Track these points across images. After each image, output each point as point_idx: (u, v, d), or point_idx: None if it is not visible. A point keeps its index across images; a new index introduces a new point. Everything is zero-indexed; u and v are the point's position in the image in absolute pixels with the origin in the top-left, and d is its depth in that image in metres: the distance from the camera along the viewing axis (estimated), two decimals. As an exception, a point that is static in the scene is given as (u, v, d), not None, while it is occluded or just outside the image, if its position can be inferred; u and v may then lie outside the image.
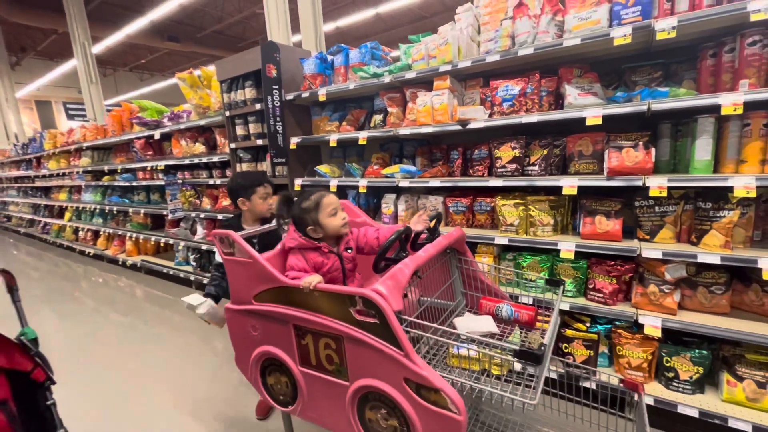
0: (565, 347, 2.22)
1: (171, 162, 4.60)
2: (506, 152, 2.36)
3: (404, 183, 2.75)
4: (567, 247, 2.13)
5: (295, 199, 1.61)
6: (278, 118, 3.28)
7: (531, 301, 2.21)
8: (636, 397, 1.48)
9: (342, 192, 3.40)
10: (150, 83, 19.30)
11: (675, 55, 2.12)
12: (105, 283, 5.28)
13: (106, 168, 5.97)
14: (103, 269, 5.96)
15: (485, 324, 1.53)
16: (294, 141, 3.31)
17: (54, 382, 1.38)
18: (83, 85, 9.45)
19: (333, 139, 3.08)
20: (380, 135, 2.83)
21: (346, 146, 3.64)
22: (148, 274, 5.44)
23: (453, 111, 2.49)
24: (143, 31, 12.11)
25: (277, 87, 3.23)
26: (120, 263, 5.92)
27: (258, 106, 3.42)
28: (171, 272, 4.89)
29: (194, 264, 4.63)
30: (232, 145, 3.77)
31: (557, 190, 2.15)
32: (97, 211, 6.62)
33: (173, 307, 4.17)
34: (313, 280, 1.33)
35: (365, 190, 3.01)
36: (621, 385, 1.52)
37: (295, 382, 1.49)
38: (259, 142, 3.52)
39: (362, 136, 2.88)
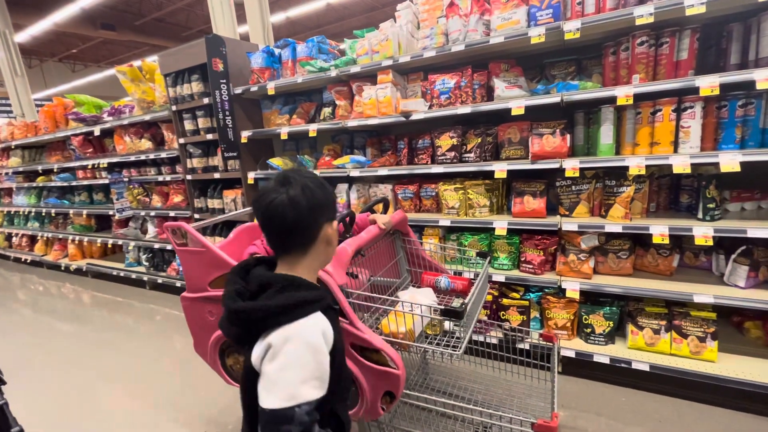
0: (503, 314, 2.48)
1: (115, 159, 4.41)
2: (445, 141, 2.57)
3: (355, 173, 2.88)
4: (500, 225, 2.38)
5: None
6: (227, 112, 3.29)
7: (472, 276, 2.46)
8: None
9: (296, 184, 3.48)
10: (84, 75, 17.84)
11: (586, 51, 2.40)
12: (46, 291, 4.99)
13: (40, 168, 5.58)
14: (44, 276, 5.61)
15: (425, 294, 1.72)
16: (245, 135, 3.33)
17: (4, 383, 1.40)
18: (6, 77, 8.62)
19: (284, 132, 3.15)
20: (330, 127, 2.94)
21: (299, 139, 3.71)
22: (95, 278, 5.20)
23: (396, 103, 2.65)
24: (73, 18, 11.18)
25: (224, 81, 3.22)
26: (63, 268, 5.59)
27: (206, 101, 3.39)
28: (122, 274, 4.72)
29: (147, 264, 4.51)
30: (181, 141, 3.71)
31: (491, 174, 2.39)
32: (33, 214, 6.17)
33: (125, 310, 4.05)
34: None
35: (318, 181, 3.12)
36: (540, 338, 1.78)
37: (254, 360, 1.61)
38: (209, 136, 3.50)
39: (312, 129, 2.97)
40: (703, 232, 1.90)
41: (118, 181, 4.43)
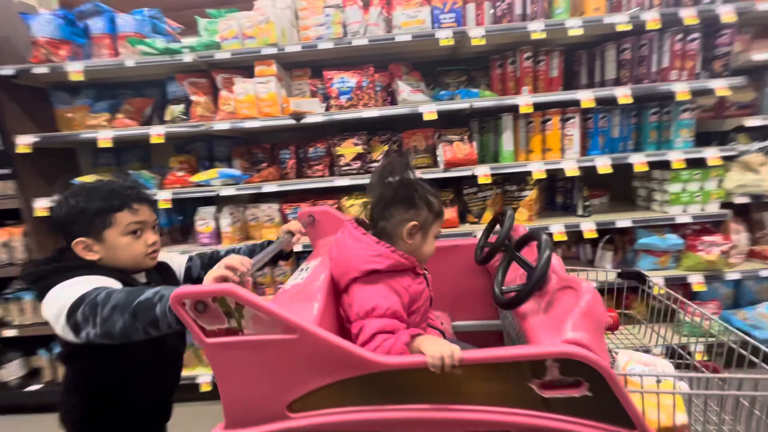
0: (427, 335, 2.29)
1: None
2: (349, 149, 2.22)
3: (227, 191, 2.20)
4: (418, 239, 2.18)
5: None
6: (-14, 104, 2.04)
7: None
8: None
9: (128, 211, 2.45)
10: None
11: (473, 63, 2.48)
12: None
13: None
14: None
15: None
16: (25, 141, 2.14)
17: None
18: None
19: (104, 137, 2.15)
20: (186, 131, 2.17)
21: (124, 149, 2.65)
22: None
23: (283, 102, 2.14)
24: None
25: (-24, 53, 1.99)
26: None
27: (-67, 83, 2.03)
28: None
29: None
30: None
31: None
32: None
33: None
34: (452, 350, 0.74)
35: (170, 205, 2.25)
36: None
37: None
38: (-55, 143, 2.10)
39: (157, 133, 2.13)
40: (589, 227, 2.17)
41: None
